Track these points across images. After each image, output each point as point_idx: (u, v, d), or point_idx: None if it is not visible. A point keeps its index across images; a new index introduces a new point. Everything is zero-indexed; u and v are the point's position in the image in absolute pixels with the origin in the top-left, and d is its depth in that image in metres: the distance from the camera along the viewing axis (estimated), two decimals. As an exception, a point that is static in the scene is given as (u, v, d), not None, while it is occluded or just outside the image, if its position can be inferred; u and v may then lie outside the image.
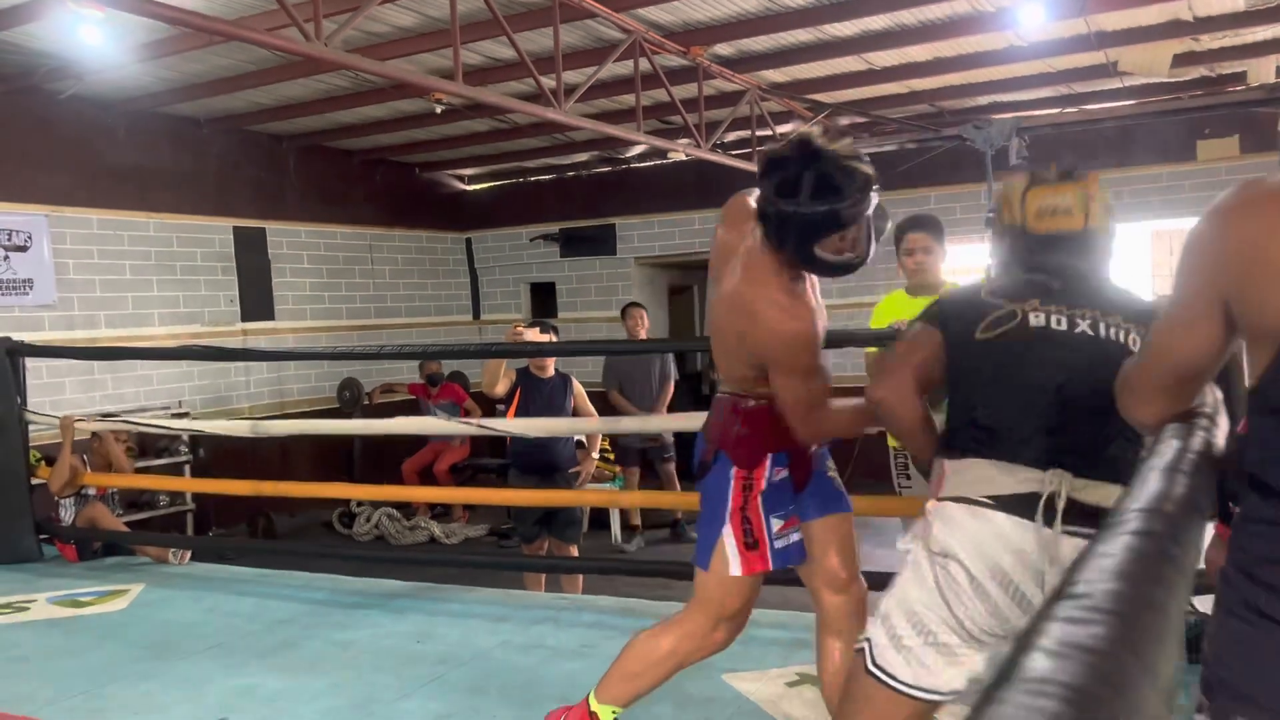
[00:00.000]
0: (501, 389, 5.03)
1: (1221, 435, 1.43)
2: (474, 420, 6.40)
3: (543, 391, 5.09)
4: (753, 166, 7.91)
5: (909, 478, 4.03)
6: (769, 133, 8.19)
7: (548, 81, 6.02)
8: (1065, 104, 8.45)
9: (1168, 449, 1.20)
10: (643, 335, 7.20)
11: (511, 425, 4.74)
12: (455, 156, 10.25)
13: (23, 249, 7.08)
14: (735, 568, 2.32)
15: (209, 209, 8.45)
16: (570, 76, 6.30)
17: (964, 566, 1.81)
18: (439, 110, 7.52)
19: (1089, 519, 1.69)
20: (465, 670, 3.40)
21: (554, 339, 5.12)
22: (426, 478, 8.76)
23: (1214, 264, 1.25)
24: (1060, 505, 1.76)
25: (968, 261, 8.17)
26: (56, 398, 6.95)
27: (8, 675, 3.55)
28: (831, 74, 7.47)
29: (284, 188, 9.18)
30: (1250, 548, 1.19)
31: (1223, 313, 1.25)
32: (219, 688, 3.33)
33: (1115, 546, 0.71)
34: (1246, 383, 1.27)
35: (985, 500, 1.80)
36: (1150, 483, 0.98)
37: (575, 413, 5.15)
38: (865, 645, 1.94)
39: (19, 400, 5.31)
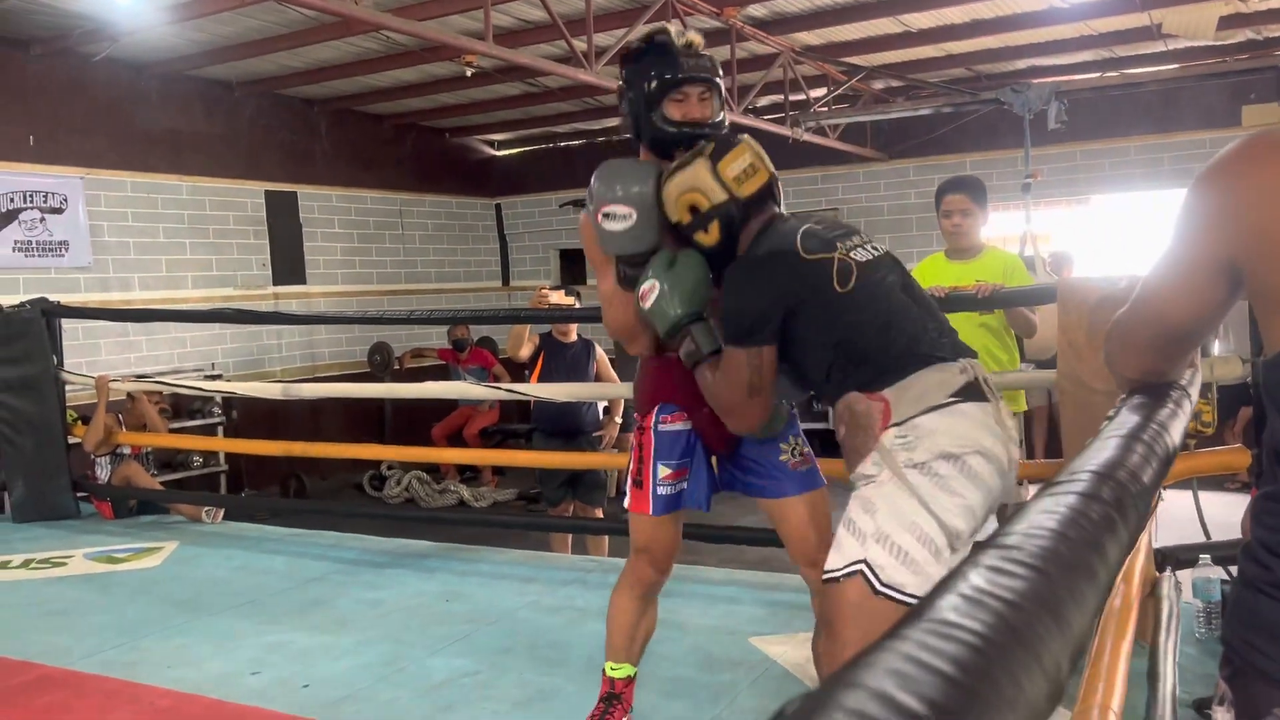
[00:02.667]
0: (525, 353, 5.05)
1: (1189, 410, 1.37)
2: (502, 385, 6.41)
3: (565, 356, 5.10)
4: (786, 131, 7.83)
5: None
6: (802, 97, 8.09)
7: (579, 44, 5.97)
8: (1106, 68, 8.28)
9: (1130, 418, 1.15)
10: None
11: (539, 390, 4.74)
12: (485, 121, 10.21)
13: (58, 211, 7.14)
14: (628, 501, 2.44)
15: (241, 172, 8.48)
16: (601, 39, 6.24)
17: (959, 459, 1.87)
18: (470, 74, 7.48)
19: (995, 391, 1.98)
20: (493, 629, 3.42)
21: (577, 304, 5.12)
22: (456, 442, 8.81)
23: (1220, 223, 1.16)
24: (985, 386, 1.98)
25: (1005, 229, 8.07)
26: (92, 359, 7.03)
27: (46, 628, 3.62)
28: (866, 36, 7.36)
29: (315, 152, 9.20)
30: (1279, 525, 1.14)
31: (1227, 276, 1.17)
32: (251, 643, 3.37)
33: (1057, 504, 0.70)
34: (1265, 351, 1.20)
35: (951, 399, 1.91)
36: (1106, 448, 0.95)
37: (598, 378, 5.16)
38: (863, 569, 1.87)
39: (55, 360, 5.38)
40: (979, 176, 4.30)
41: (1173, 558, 2.83)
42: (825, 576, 1.94)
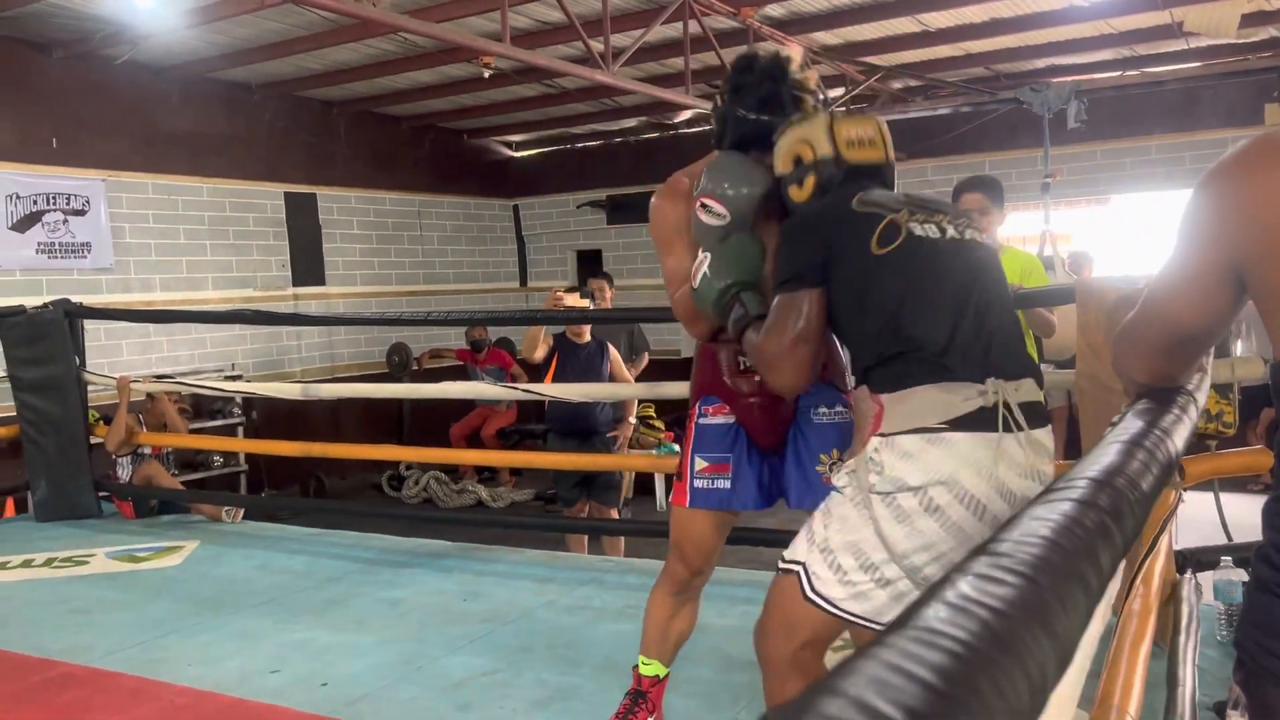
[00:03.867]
0: (540, 354, 5.08)
1: (1195, 416, 1.36)
2: (519, 385, 6.42)
3: (579, 357, 5.12)
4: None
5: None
6: (820, 97, 8.07)
7: (596, 44, 5.98)
8: (1126, 66, 8.22)
9: (1134, 424, 1.14)
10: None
11: (554, 390, 4.76)
12: (503, 122, 10.24)
13: (81, 213, 7.21)
14: (672, 494, 2.41)
15: (261, 174, 8.53)
16: (619, 40, 6.25)
17: (923, 493, 1.75)
18: (487, 75, 7.50)
19: (1031, 418, 1.77)
20: (511, 629, 3.43)
21: (592, 306, 5.14)
22: (474, 442, 8.84)
23: (1224, 226, 1.15)
24: (1006, 413, 1.77)
25: (1024, 229, 8.03)
26: (114, 359, 7.09)
27: (69, 626, 3.65)
28: (885, 36, 7.33)
29: (334, 153, 9.24)
30: None
31: (1233, 280, 1.16)
32: (272, 642, 3.40)
33: (1051, 512, 0.69)
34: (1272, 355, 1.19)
35: (941, 426, 1.76)
36: (1106, 454, 0.94)
37: (612, 378, 5.17)
38: (800, 571, 1.87)
39: (77, 361, 5.43)
40: (997, 176, 4.28)
41: (1193, 560, 2.82)
42: (780, 561, 1.95)
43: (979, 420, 1.76)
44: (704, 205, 2.13)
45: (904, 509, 1.75)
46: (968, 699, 0.43)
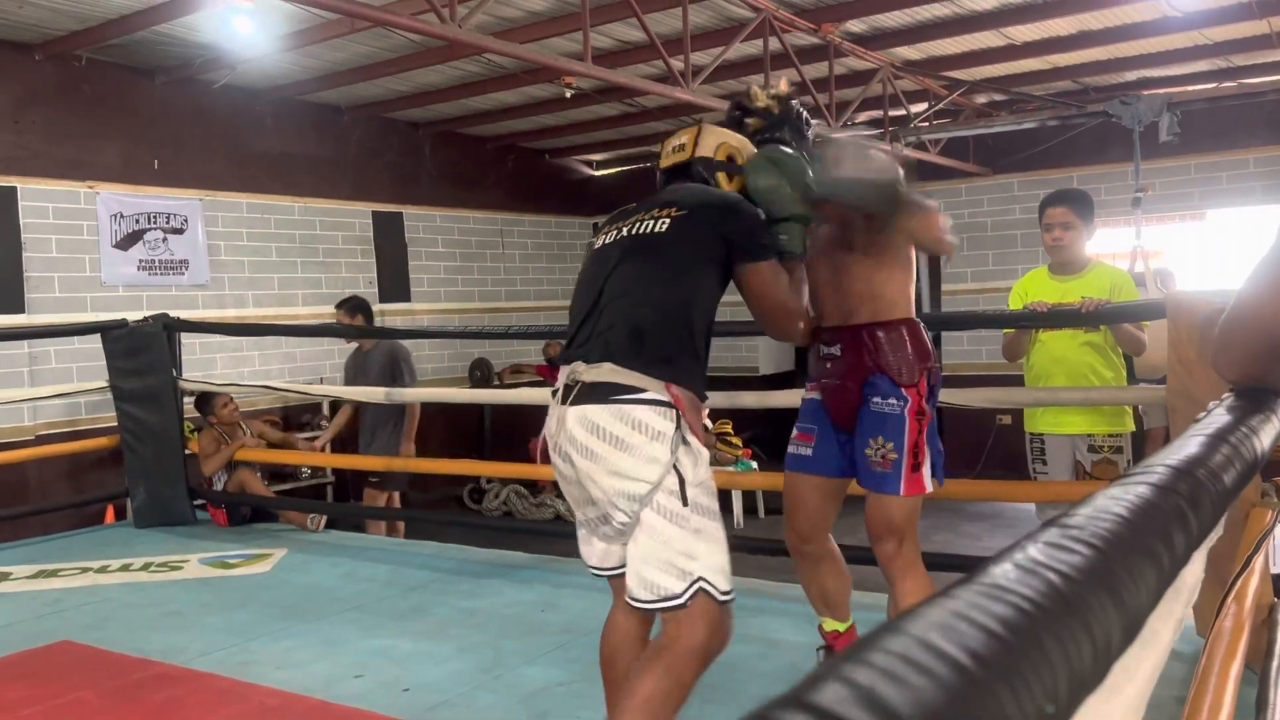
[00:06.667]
0: None
1: None
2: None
3: None
4: (886, 147, 7.74)
5: (1044, 463, 3.90)
6: (902, 112, 8.01)
7: (676, 63, 6.02)
8: (1222, 78, 7.99)
9: (1220, 419, 1.12)
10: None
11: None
12: (584, 142, 10.36)
13: (179, 231, 7.49)
14: None
15: (349, 193, 8.77)
16: (698, 58, 6.29)
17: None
18: (569, 95, 7.61)
19: (588, 396, 2.16)
20: (589, 640, 3.44)
21: None
22: (553, 457, 8.91)
23: None
24: (566, 389, 2.23)
25: (1114, 245, 7.83)
26: (208, 372, 7.34)
27: (164, 627, 3.78)
28: (968, 50, 7.25)
29: (419, 173, 9.46)
30: None
31: None
32: (355, 647, 3.48)
33: (1127, 493, 0.69)
34: None
35: (552, 394, 2.30)
36: (1189, 445, 0.92)
37: None
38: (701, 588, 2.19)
39: (175, 372, 5.64)
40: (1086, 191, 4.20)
41: (1292, 584, 2.71)
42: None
43: (560, 394, 2.25)
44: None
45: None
46: (1030, 650, 0.44)
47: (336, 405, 7.43)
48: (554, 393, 2.29)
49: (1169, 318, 2.92)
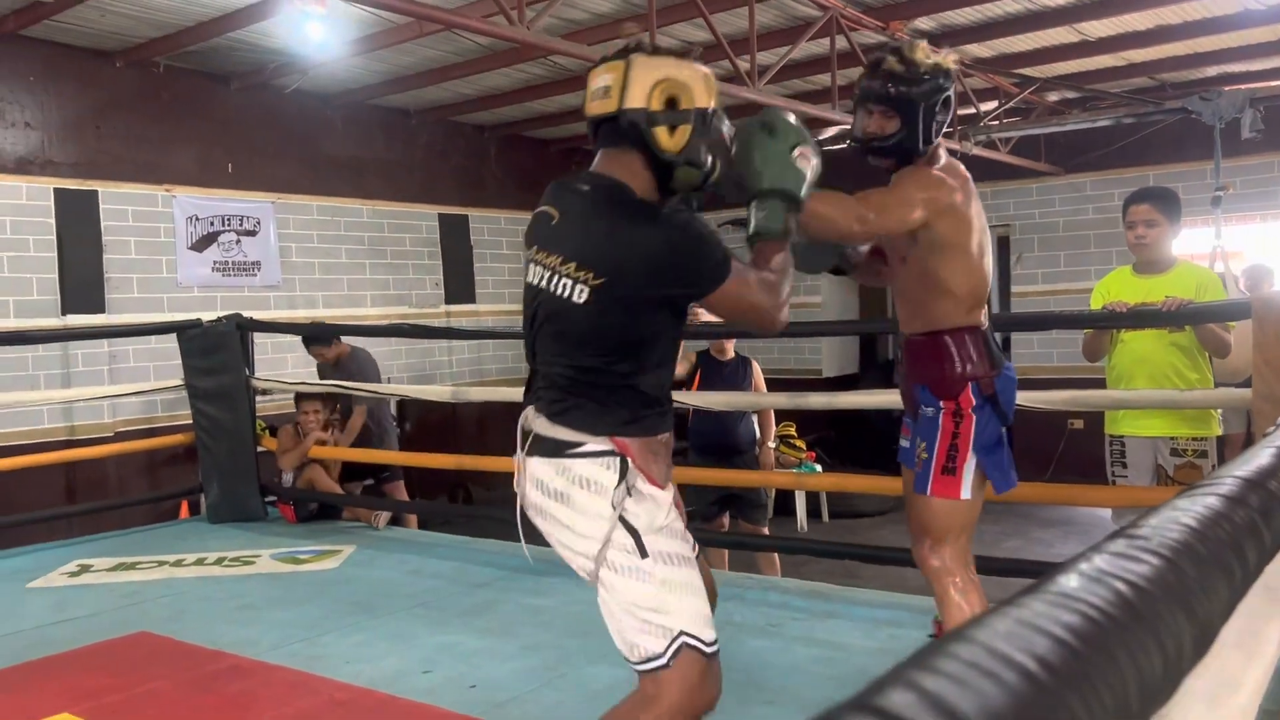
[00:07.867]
0: (682, 371, 5.07)
1: None
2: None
3: (722, 374, 5.09)
4: (955, 145, 7.62)
5: (1124, 466, 3.80)
6: (972, 110, 7.87)
7: (742, 63, 6.00)
8: (1308, 72, 7.72)
9: None
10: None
11: (690, 398, 4.76)
12: (648, 143, 10.34)
13: (252, 234, 7.66)
14: None
15: (416, 196, 8.89)
16: (764, 58, 6.25)
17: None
18: (633, 96, 7.60)
19: (541, 447, 2.01)
20: (653, 641, 3.44)
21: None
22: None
23: None
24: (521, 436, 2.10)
25: (1192, 246, 7.61)
26: (280, 371, 7.48)
27: (237, 621, 3.86)
28: (1040, 47, 7.11)
29: (485, 176, 9.55)
30: None
31: None
32: (423, 643, 3.51)
33: (1194, 504, 0.67)
34: None
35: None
36: (1260, 457, 0.89)
37: None
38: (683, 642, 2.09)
39: (248, 371, 5.76)
40: (1167, 188, 4.10)
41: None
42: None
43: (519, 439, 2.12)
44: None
45: None
46: (1099, 659, 0.44)
47: (403, 405, 7.55)
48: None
49: (1254, 318, 2.83)
